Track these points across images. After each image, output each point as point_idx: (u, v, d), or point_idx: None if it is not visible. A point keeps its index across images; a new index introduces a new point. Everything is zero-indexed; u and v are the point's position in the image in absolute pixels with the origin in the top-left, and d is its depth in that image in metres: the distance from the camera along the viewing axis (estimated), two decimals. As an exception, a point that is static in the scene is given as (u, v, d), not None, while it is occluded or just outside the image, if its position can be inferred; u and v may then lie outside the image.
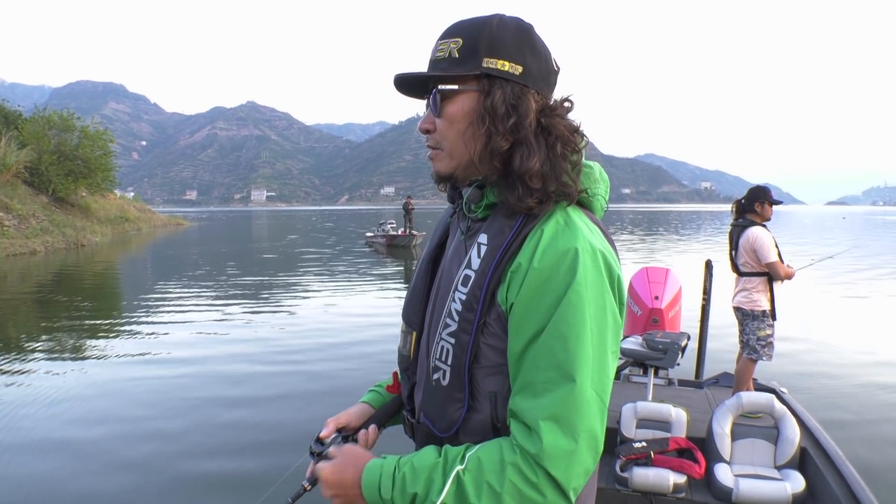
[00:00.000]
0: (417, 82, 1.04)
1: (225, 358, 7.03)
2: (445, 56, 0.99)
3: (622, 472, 3.16)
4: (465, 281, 1.00)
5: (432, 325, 1.07)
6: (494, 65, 0.96)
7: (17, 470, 4.02)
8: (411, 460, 0.95)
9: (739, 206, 4.53)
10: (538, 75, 0.99)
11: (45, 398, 5.48)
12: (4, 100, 34.95)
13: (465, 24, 1.00)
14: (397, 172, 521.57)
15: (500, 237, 0.99)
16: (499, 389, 0.99)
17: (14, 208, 22.52)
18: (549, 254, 0.93)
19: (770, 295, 4.33)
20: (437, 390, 1.03)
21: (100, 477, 3.94)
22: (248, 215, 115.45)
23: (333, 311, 10.15)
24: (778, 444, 3.26)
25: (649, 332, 4.10)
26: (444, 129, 1.02)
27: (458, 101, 1.00)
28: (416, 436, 1.14)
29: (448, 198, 1.15)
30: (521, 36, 0.98)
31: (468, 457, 0.91)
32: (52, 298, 11.68)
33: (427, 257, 1.20)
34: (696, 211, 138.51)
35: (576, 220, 0.97)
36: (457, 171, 1.04)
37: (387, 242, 24.36)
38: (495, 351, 0.98)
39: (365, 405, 1.26)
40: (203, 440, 4.55)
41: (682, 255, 20.41)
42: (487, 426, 1.00)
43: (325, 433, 1.15)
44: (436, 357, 1.03)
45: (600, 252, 0.94)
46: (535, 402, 0.89)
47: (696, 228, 43.35)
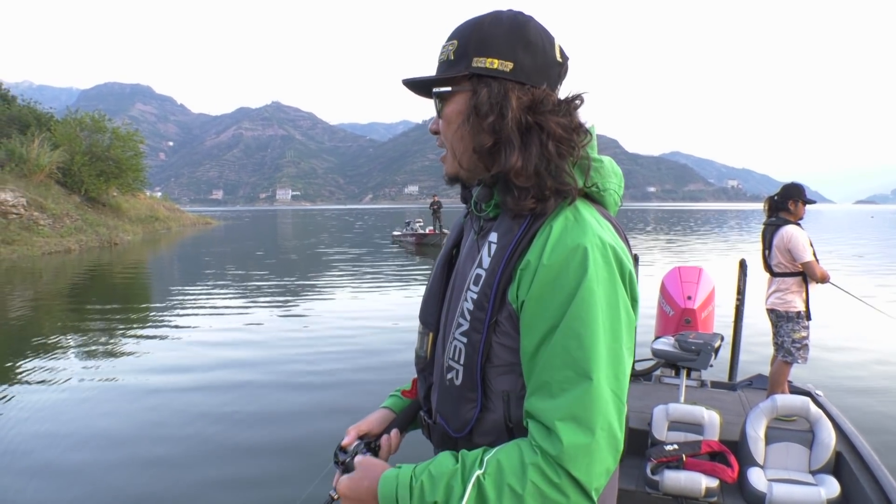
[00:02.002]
0: (423, 86, 1.05)
1: (265, 359, 7.09)
2: (445, 59, 1.01)
3: (653, 475, 3.13)
4: (476, 280, 1.00)
5: (447, 326, 1.08)
6: (483, 63, 0.97)
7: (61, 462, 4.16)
8: (428, 468, 0.93)
9: (772, 203, 4.43)
10: (531, 69, 0.97)
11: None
12: (36, 102, 35.89)
13: (463, 25, 1.01)
14: (421, 171, 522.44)
15: (509, 235, 0.98)
16: (512, 389, 0.99)
17: (48, 208, 23.09)
18: (558, 250, 0.92)
19: (805, 296, 4.22)
20: (451, 390, 1.03)
21: (130, 471, 4.03)
22: (274, 214, 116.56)
23: (378, 312, 10.14)
24: (813, 448, 3.20)
25: (681, 332, 4.04)
26: (444, 130, 1.04)
27: (453, 101, 1.01)
28: (433, 437, 1.14)
29: (461, 198, 1.15)
30: (514, 31, 0.97)
31: (487, 460, 0.90)
32: (101, 293, 11.99)
33: (442, 258, 1.20)
34: (722, 209, 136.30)
35: (585, 215, 0.96)
36: (459, 172, 1.05)
37: (416, 241, 24.03)
38: (508, 350, 0.98)
39: (386, 410, 1.26)
40: (233, 444, 4.56)
41: (711, 254, 20.08)
42: (501, 426, 1.00)
43: (347, 441, 1.15)
44: (449, 357, 1.03)
45: (611, 247, 0.93)
46: (553, 402, 0.88)
47: (723, 227, 42.69)
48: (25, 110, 32.98)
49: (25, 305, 10.85)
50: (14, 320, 9.55)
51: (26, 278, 14.74)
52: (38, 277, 14.95)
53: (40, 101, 37.06)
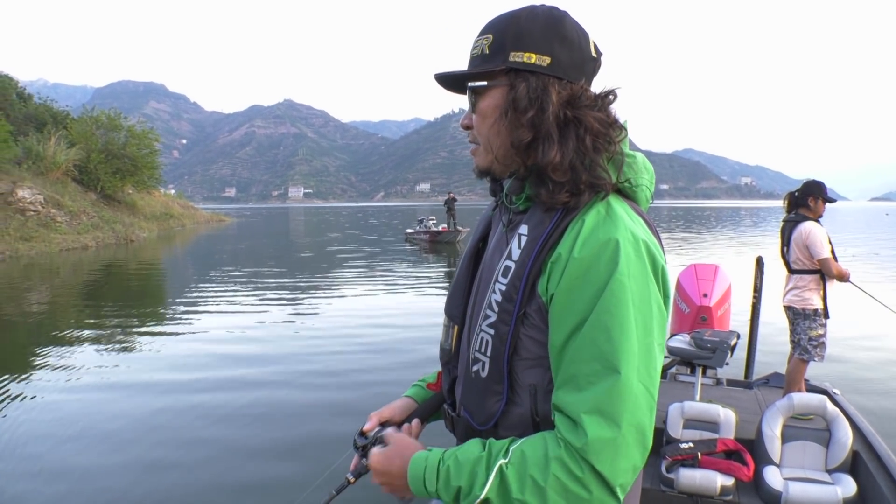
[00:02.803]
0: (455, 80, 1.06)
1: (278, 356, 7.16)
2: (478, 53, 1.01)
3: (668, 473, 3.12)
4: (505, 272, 1.00)
5: (473, 318, 1.07)
6: (520, 58, 0.97)
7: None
8: (455, 453, 0.95)
9: (792, 199, 4.40)
10: (568, 64, 0.98)
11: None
12: (52, 100, 36.27)
13: (497, 19, 1.01)
14: (433, 169, 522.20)
15: (540, 228, 0.98)
16: (539, 382, 0.98)
17: (65, 205, 23.37)
18: (589, 244, 0.91)
19: (823, 293, 4.19)
20: (476, 382, 1.03)
21: (136, 473, 4.04)
22: (286, 212, 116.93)
23: (394, 309, 10.17)
24: (829, 446, 3.17)
25: (697, 330, 4.03)
26: (479, 125, 1.03)
27: (489, 96, 1.01)
28: (456, 430, 1.15)
29: (490, 191, 1.15)
30: (551, 26, 0.97)
31: (512, 450, 0.91)
32: (118, 290, 12.14)
33: (470, 251, 1.20)
34: (735, 207, 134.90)
35: (617, 209, 0.96)
36: (493, 165, 1.05)
37: (430, 239, 23.91)
38: (536, 343, 0.98)
39: (408, 399, 1.27)
40: (248, 439, 4.59)
41: (727, 251, 19.90)
42: (527, 419, 0.99)
43: (369, 426, 1.16)
44: (475, 349, 1.03)
45: (643, 241, 0.93)
46: (580, 395, 0.88)
47: (738, 224, 42.30)
48: (42, 108, 33.35)
49: (43, 301, 11.01)
50: (33, 315, 9.69)
51: (44, 275, 14.94)
52: (55, 274, 15.15)
53: (56, 99, 37.44)
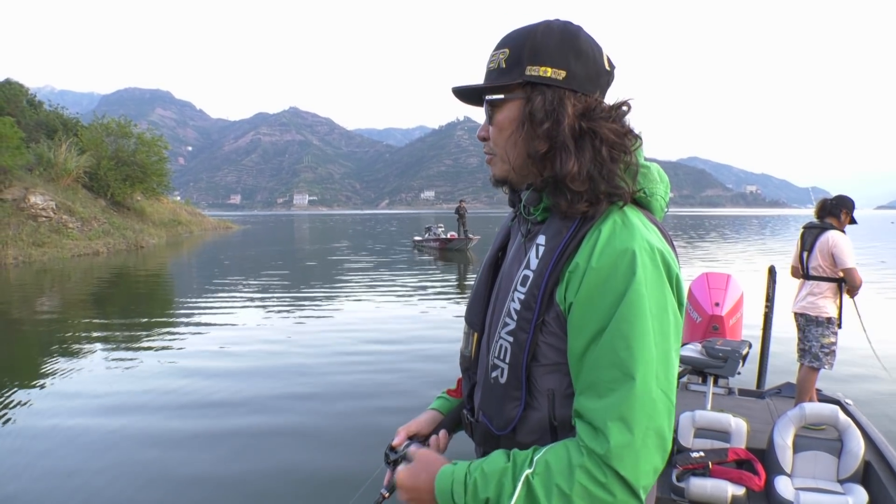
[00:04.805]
0: (472, 93, 1.09)
1: (286, 364, 7.17)
2: (495, 67, 1.05)
3: (678, 482, 3.12)
4: (523, 281, 1.02)
5: (492, 326, 1.10)
6: (536, 72, 1.00)
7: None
8: (481, 465, 0.96)
9: (826, 205, 4.44)
10: (583, 78, 1.01)
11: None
12: (62, 107, 36.55)
13: (514, 34, 1.04)
14: (437, 177, 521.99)
15: (557, 238, 1.00)
16: (556, 387, 1.01)
17: (77, 211, 23.55)
18: (607, 253, 0.94)
19: (839, 302, 4.24)
20: (495, 388, 1.06)
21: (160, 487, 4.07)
22: (292, 219, 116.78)
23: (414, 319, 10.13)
24: (841, 457, 3.17)
25: (709, 339, 4.04)
26: (496, 137, 1.07)
27: (506, 109, 1.04)
28: (475, 435, 1.17)
29: (508, 202, 1.18)
30: (566, 40, 1.00)
31: (536, 460, 0.92)
32: (129, 295, 12.21)
33: (489, 261, 1.23)
34: (741, 215, 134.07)
35: (633, 219, 0.98)
36: (510, 175, 1.08)
37: (440, 246, 23.71)
38: (554, 350, 1.00)
39: (434, 412, 1.29)
40: (282, 444, 4.58)
41: (737, 260, 19.76)
42: (545, 424, 1.02)
43: (398, 441, 1.18)
44: (495, 355, 1.05)
45: (659, 251, 0.95)
46: (601, 402, 0.90)
47: (740, 231, 42.10)
48: (52, 115, 33.62)
49: (55, 306, 11.10)
50: (43, 321, 9.77)
51: (55, 280, 15.06)
52: (66, 279, 15.24)
53: (66, 107, 37.73)
